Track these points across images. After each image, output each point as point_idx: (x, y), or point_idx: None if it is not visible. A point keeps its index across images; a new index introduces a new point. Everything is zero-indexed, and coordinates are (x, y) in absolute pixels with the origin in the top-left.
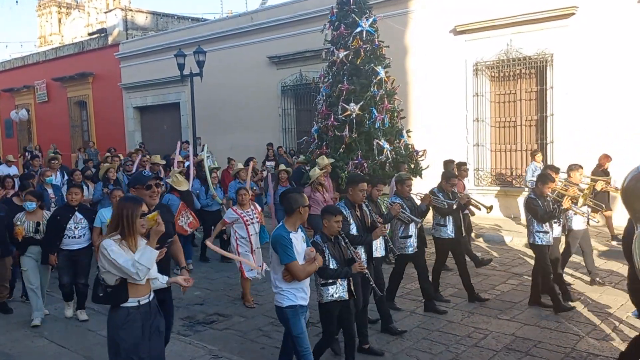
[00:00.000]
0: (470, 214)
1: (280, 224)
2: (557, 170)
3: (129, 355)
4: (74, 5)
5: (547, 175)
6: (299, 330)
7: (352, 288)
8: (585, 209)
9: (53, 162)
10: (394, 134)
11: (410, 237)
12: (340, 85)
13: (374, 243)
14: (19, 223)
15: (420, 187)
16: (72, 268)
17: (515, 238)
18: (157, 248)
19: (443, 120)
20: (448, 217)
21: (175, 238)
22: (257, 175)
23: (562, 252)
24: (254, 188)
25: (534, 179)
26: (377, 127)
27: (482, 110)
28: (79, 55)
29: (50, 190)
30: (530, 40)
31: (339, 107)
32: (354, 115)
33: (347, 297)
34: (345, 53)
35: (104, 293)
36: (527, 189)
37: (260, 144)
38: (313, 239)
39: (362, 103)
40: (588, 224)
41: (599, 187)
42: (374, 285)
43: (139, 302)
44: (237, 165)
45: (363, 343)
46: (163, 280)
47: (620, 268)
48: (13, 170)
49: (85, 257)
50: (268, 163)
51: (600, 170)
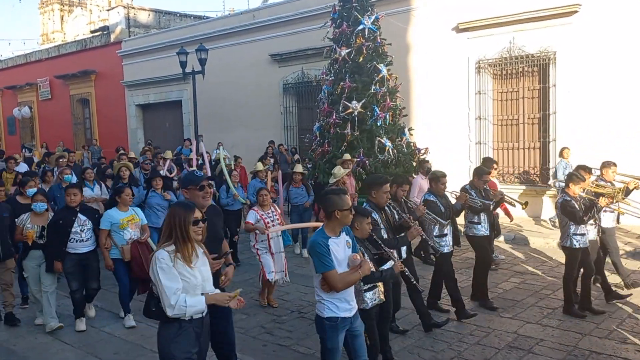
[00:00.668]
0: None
1: (320, 229)
2: (589, 170)
3: None
4: (77, 3)
5: (577, 175)
6: (333, 345)
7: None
8: (623, 207)
9: (61, 160)
10: (396, 132)
11: (446, 235)
12: (342, 83)
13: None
14: (29, 226)
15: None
16: (81, 273)
17: (518, 236)
18: (215, 259)
19: (445, 118)
20: (481, 214)
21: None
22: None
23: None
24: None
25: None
26: (379, 124)
27: (484, 108)
28: (82, 53)
29: None
30: (533, 38)
31: (341, 104)
32: (356, 113)
33: (383, 298)
34: (348, 51)
35: (156, 307)
36: (554, 188)
37: (262, 142)
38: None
39: (364, 101)
40: (618, 222)
41: (632, 186)
42: (416, 282)
43: (192, 316)
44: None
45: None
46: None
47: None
48: (22, 168)
49: (95, 260)
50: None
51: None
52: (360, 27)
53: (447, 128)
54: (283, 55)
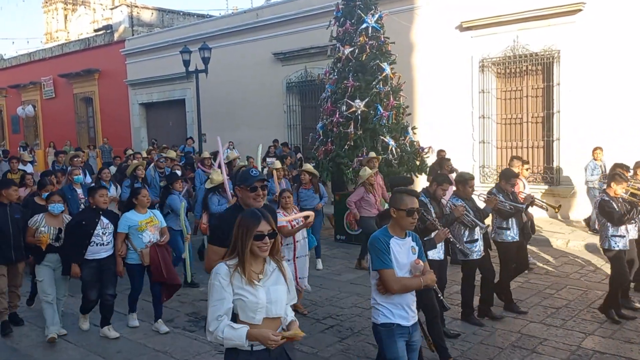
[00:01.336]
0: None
1: (384, 226)
2: (627, 169)
3: None
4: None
5: (620, 175)
6: (393, 355)
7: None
8: None
9: (75, 159)
10: (399, 131)
11: (477, 241)
12: (346, 82)
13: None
14: (44, 229)
15: (425, 184)
16: (99, 280)
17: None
18: None
19: (449, 117)
20: (511, 219)
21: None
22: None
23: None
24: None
25: (594, 179)
26: (382, 123)
27: (488, 107)
28: (85, 52)
29: (80, 190)
30: (537, 37)
31: (344, 103)
32: (359, 112)
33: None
34: (351, 49)
35: None
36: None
37: (266, 141)
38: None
39: (367, 100)
40: None
41: None
42: (442, 299)
43: (252, 346)
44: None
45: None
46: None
47: None
48: (28, 169)
49: (113, 264)
50: (269, 159)
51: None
52: (364, 25)
53: (450, 127)
54: (286, 54)
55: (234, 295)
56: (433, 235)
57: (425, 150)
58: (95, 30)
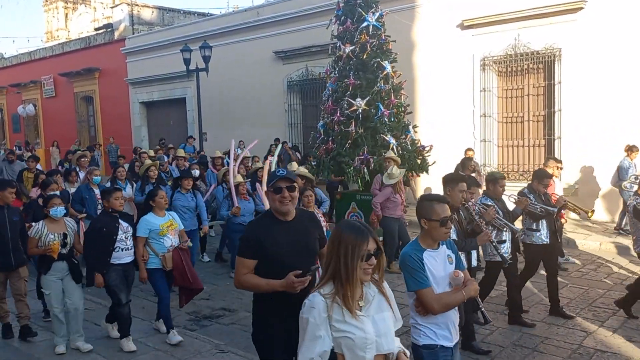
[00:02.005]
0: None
1: (414, 240)
2: None
3: None
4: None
5: None
6: None
7: None
8: None
9: (82, 159)
10: (400, 130)
11: (505, 242)
12: (347, 80)
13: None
14: (52, 237)
15: (427, 182)
16: (126, 284)
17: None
18: (300, 275)
19: (450, 116)
20: (541, 221)
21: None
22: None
23: None
24: None
25: (630, 182)
26: (383, 122)
27: (489, 106)
28: (86, 51)
29: (97, 191)
30: (538, 35)
31: (345, 102)
32: (360, 111)
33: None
34: (352, 48)
35: None
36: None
37: (267, 139)
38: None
39: (368, 98)
40: None
41: None
42: (483, 310)
43: None
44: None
45: None
46: None
47: None
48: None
49: (133, 270)
50: (270, 159)
51: None
52: (365, 24)
53: (451, 125)
54: (287, 53)
55: (337, 333)
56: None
57: (427, 149)
58: (96, 29)
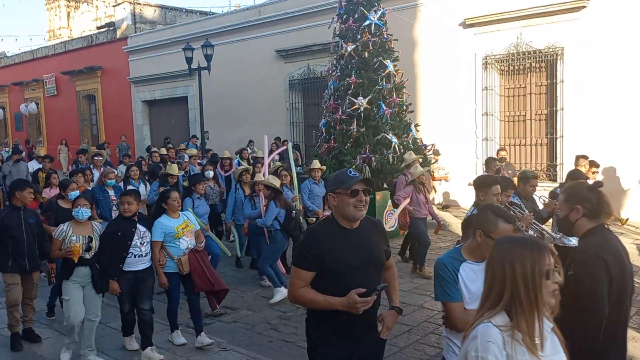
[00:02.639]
0: None
1: (456, 247)
2: None
3: None
4: None
5: None
6: None
7: None
8: None
9: (97, 158)
10: (402, 128)
11: None
12: (348, 79)
13: None
14: (74, 238)
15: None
16: (132, 293)
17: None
18: (364, 294)
19: (452, 115)
20: None
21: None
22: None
23: None
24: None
25: None
26: (385, 121)
27: (491, 104)
28: (88, 49)
29: (112, 192)
30: (541, 34)
31: (347, 100)
32: (362, 109)
33: None
34: (354, 46)
35: None
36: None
37: (268, 138)
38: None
39: (370, 97)
40: None
41: None
42: None
43: None
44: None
45: None
46: None
47: None
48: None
49: (150, 276)
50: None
51: None
52: (367, 22)
53: (453, 124)
54: (289, 51)
55: None
56: None
57: (428, 148)
58: (98, 28)
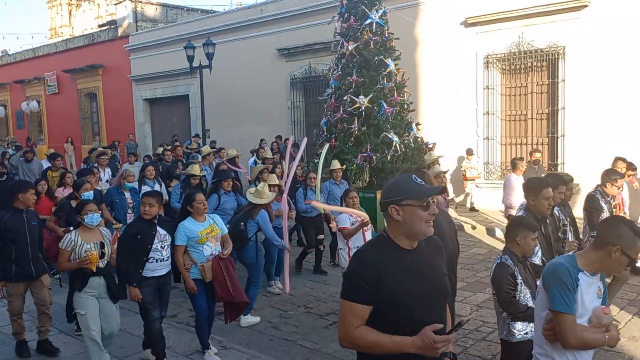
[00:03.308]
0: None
1: (570, 254)
2: None
3: None
4: None
5: None
6: None
7: None
8: None
9: (102, 157)
10: (403, 127)
11: None
12: (350, 78)
13: None
14: (89, 246)
15: None
16: (159, 299)
17: None
18: (440, 332)
19: (453, 113)
20: None
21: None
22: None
23: None
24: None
25: None
26: (386, 119)
27: (492, 104)
28: (89, 47)
29: (128, 195)
30: (542, 33)
31: (348, 99)
32: (363, 108)
33: None
34: (355, 45)
35: None
36: None
37: (270, 137)
38: (500, 261)
39: (371, 95)
40: None
41: None
42: None
43: None
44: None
45: None
46: None
47: None
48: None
49: (170, 283)
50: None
51: None
52: (368, 21)
53: (454, 123)
54: (290, 50)
55: None
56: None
57: (430, 146)
58: (100, 26)
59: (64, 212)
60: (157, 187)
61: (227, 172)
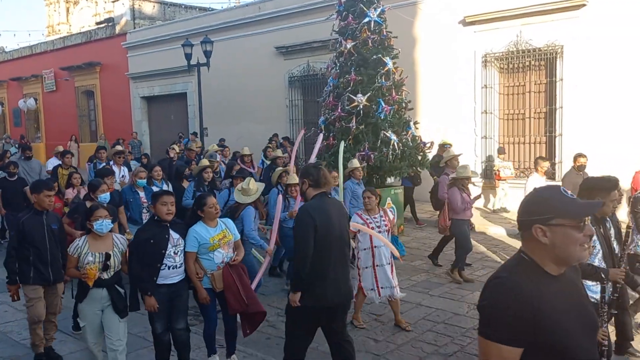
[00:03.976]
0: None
1: None
2: None
3: None
4: None
5: None
6: None
7: None
8: None
9: (118, 156)
10: (401, 126)
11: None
12: (348, 76)
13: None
14: (91, 258)
15: (426, 181)
16: (167, 310)
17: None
18: None
19: (451, 112)
20: None
21: None
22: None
23: None
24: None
25: None
26: (384, 118)
27: (490, 102)
28: (87, 45)
29: (142, 194)
30: (540, 32)
31: (346, 98)
32: (361, 107)
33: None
34: (353, 43)
35: None
36: None
37: (268, 135)
38: None
39: (369, 94)
40: None
41: None
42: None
43: None
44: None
45: None
46: None
47: None
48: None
49: (185, 291)
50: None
51: None
52: (366, 19)
53: (452, 122)
54: (288, 48)
55: None
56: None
57: (427, 145)
58: (97, 23)
59: (79, 214)
60: (164, 187)
61: (245, 170)
